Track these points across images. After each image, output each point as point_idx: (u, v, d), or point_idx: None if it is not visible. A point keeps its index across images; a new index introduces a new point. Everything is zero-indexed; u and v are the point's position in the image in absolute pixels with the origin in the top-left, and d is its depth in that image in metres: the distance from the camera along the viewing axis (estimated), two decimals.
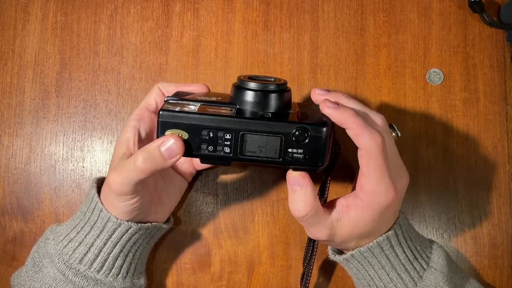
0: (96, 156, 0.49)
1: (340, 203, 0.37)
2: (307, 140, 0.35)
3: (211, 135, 0.35)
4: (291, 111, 0.38)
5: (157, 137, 0.35)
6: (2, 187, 0.48)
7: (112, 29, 0.50)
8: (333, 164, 0.41)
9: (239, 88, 0.38)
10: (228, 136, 0.35)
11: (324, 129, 0.35)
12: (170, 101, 0.38)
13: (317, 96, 0.38)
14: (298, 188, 0.36)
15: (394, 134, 0.39)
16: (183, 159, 0.44)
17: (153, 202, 0.42)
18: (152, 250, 0.45)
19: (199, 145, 0.35)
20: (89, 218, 0.39)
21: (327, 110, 0.35)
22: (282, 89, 0.38)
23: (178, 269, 0.47)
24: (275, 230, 0.48)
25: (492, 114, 0.49)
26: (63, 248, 0.39)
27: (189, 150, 0.36)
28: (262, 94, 0.37)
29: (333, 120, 0.35)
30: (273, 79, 0.39)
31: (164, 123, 0.35)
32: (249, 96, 0.37)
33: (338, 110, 0.34)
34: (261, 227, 0.48)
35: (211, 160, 0.36)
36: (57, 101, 0.49)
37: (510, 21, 0.48)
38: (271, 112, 0.37)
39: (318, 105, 0.36)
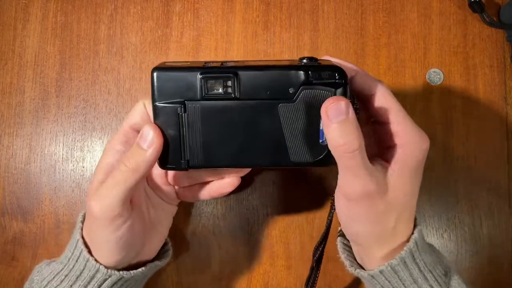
0: (96, 156, 0.49)
1: (378, 161, 0.33)
2: (315, 61, 0.32)
3: (215, 63, 0.33)
4: None
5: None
6: (2, 187, 0.48)
7: (112, 29, 0.50)
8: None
9: None
10: (233, 62, 0.33)
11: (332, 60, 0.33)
12: None
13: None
14: (344, 118, 0.29)
15: None
16: (167, 185, 0.40)
17: (146, 229, 0.38)
18: None
19: (201, 64, 0.32)
20: (73, 266, 0.36)
21: (334, 59, 0.34)
22: None
23: (178, 269, 0.47)
24: (275, 230, 0.48)
25: (492, 114, 0.49)
26: None
27: (189, 66, 0.32)
28: None
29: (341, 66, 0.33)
30: None
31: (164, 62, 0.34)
32: None
33: (344, 60, 0.34)
34: (261, 227, 0.48)
35: (213, 73, 0.31)
36: (57, 101, 0.49)
37: (510, 21, 0.48)
38: None
39: None
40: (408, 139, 0.32)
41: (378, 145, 0.35)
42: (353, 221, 0.34)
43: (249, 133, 0.33)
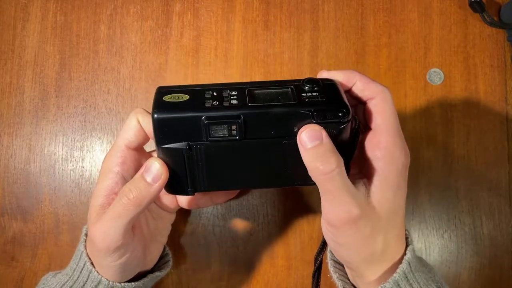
0: (95, 156, 0.49)
1: (358, 180, 0.32)
2: (318, 87, 0.32)
3: (215, 94, 0.32)
4: None
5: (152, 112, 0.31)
6: (1, 187, 0.48)
7: (111, 29, 0.50)
8: (354, 140, 0.34)
9: None
10: (234, 93, 0.32)
11: (333, 80, 0.33)
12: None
13: (325, 74, 0.35)
14: (318, 143, 0.30)
15: None
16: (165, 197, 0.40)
17: (146, 244, 0.38)
18: None
19: (203, 102, 0.31)
20: (78, 277, 0.36)
21: (332, 72, 0.33)
22: None
23: (178, 269, 0.47)
24: (275, 230, 0.48)
25: (492, 114, 0.48)
26: None
27: (191, 107, 0.31)
28: None
29: (340, 78, 0.33)
30: None
31: (161, 90, 0.33)
32: None
33: (342, 70, 0.33)
34: (261, 227, 0.48)
35: (217, 119, 0.31)
36: (57, 101, 0.49)
37: (510, 21, 0.48)
38: None
39: None
40: (389, 153, 0.31)
41: (360, 156, 0.34)
42: (341, 247, 0.33)
43: (253, 165, 0.34)
